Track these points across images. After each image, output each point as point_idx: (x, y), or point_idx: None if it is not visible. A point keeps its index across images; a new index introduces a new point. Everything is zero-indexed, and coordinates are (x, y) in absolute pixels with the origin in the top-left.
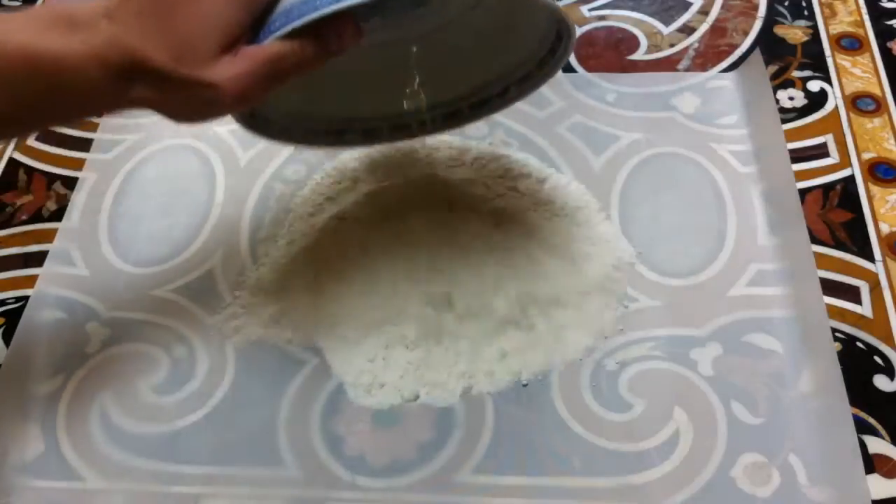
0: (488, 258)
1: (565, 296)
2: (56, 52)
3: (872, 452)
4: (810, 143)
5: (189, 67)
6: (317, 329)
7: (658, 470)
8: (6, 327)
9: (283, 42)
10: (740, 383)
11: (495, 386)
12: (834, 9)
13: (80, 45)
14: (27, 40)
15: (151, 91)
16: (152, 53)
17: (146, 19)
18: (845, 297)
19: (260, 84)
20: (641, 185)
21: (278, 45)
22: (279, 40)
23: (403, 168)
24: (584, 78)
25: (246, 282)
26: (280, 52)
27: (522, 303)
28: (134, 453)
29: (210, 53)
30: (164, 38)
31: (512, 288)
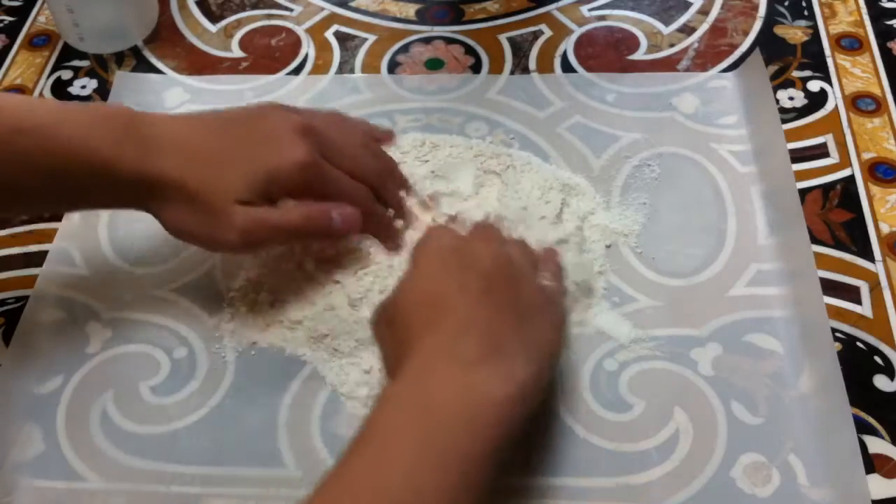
0: None
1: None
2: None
3: (872, 452)
4: (810, 143)
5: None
6: (308, 340)
7: (658, 470)
8: (6, 327)
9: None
10: (740, 383)
11: None
12: (834, 9)
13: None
14: (97, 146)
15: (177, 207)
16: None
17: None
18: (845, 297)
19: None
20: (641, 185)
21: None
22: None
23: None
24: (584, 78)
25: (243, 284)
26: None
27: None
28: (134, 453)
29: (232, 199)
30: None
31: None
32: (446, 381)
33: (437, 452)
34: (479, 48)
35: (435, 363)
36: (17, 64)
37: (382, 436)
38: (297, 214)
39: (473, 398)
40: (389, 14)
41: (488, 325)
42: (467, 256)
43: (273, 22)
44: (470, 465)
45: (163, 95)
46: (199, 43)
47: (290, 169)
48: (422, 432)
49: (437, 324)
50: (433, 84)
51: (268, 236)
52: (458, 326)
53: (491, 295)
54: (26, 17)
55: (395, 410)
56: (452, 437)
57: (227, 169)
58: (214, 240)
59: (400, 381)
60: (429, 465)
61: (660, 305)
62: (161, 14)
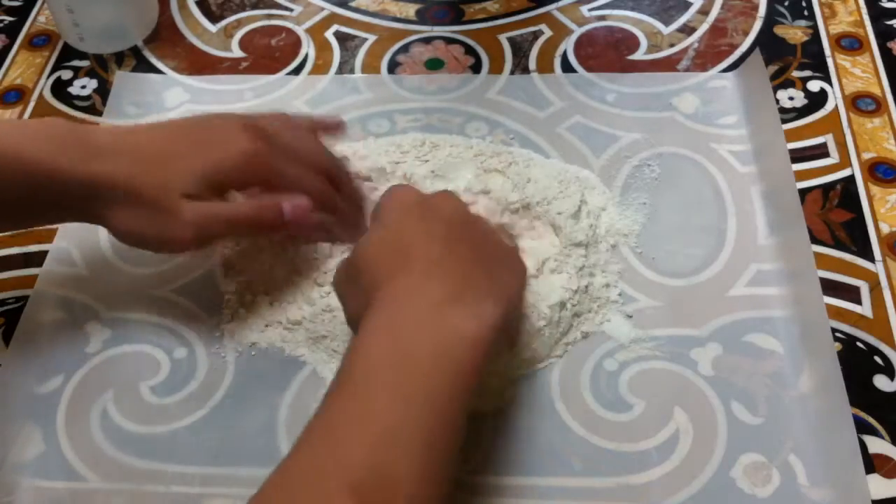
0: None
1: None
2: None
3: (872, 452)
4: (810, 143)
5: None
6: (307, 341)
7: (658, 470)
8: (6, 327)
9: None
10: (740, 383)
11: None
12: (834, 9)
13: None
14: (35, 154)
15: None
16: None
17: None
18: (845, 297)
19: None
20: (641, 185)
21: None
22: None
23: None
24: (584, 78)
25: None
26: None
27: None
28: (134, 453)
29: (179, 195)
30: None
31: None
32: (417, 322)
33: (413, 395)
34: (479, 48)
35: (404, 304)
36: (17, 64)
37: (359, 383)
38: (247, 206)
39: (445, 337)
40: (389, 14)
41: (455, 267)
42: (429, 208)
43: (273, 22)
44: (445, 404)
45: (163, 95)
46: (199, 43)
47: (235, 159)
48: (397, 376)
49: (403, 269)
50: (433, 84)
51: (219, 230)
52: (425, 269)
53: (455, 241)
54: (26, 17)
55: (369, 356)
56: (427, 379)
57: (172, 166)
58: (165, 239)
59: (370, 325)
60: (406, 408)
61: (660, 305)
62: (161, 14)
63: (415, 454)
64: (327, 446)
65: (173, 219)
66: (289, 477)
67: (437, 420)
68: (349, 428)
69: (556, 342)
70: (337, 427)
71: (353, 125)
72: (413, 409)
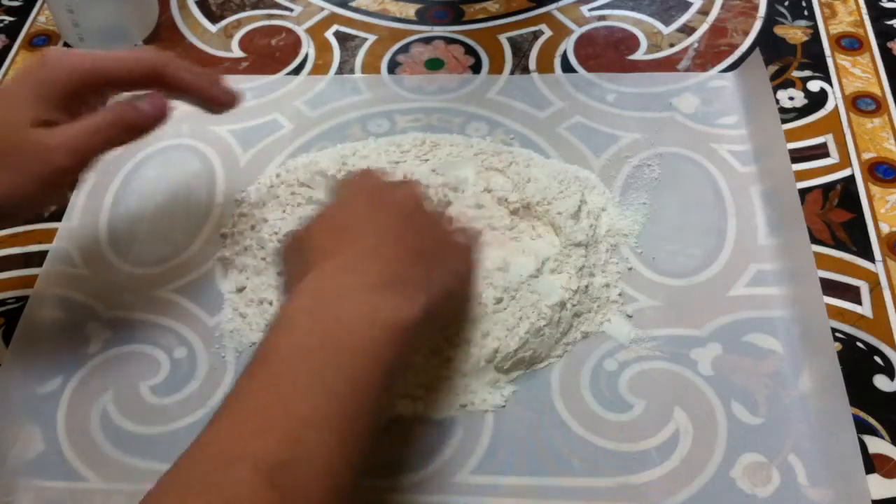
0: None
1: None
2: None
3: (872, 452)
4: (810, 143)
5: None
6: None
7: (658, 470)
8: (6, 327)
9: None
10: (740, 383)
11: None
12: (834, 9)
13: None
14: None
15: None
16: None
17: None
18: (845, 297)
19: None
20: (641, 185)
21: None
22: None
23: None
24: (584, 78)
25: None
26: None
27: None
28: (134, 453)
29: (26, 125)
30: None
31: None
32: (348, 300)
33: (331, 379)
34: (479, 48)
35: (337, 282)
36: (17, 64)
37: (276, 359)
38: (106, 114)
39: (367, 324)
40: (389, 14)
41: (393, 254)
42: (382, 195)
43: (273, 22)
44: (363, 389)
45: None
46: (199, 43)
47: (57, 70)
48: (315, 356)
49: (340, 249)
50: (433, 84)
51: (90, 145)
52: (363, 252)
53: (399, 229)
54: (26, 17)
55: (293, 338)
56: (345, 362)
57: (4, 104)
58: (36, 176)
59: (299, 298)
60: (324, 392)
61: (660, 305)
62: (161, 14)
63: (330, 439)
64: (241, 427)
65: (32, 151)
66: (200, 454)
67: (354, 406)
68: (265, 411)
69: (557, 342)
70: (252, 408)
71: (353, 125)
72: (331, 394)
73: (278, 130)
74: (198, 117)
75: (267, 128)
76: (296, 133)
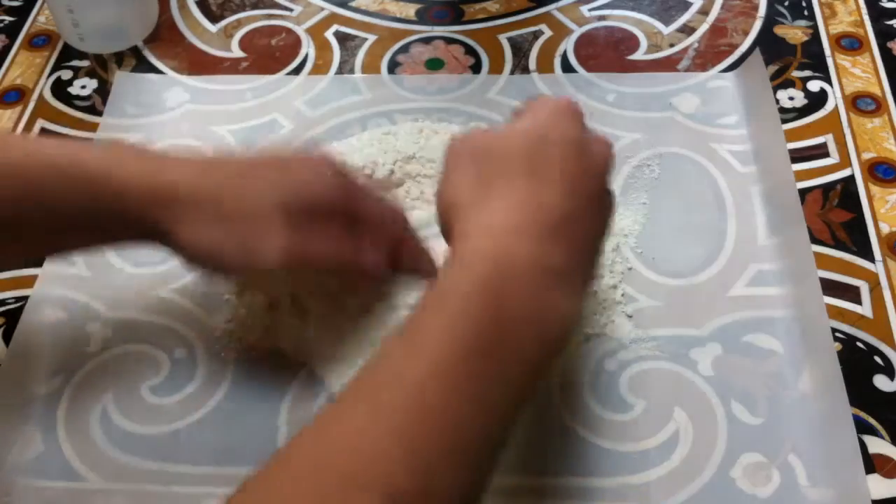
0: None
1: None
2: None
3: (872, 452)
4: (810, 143)
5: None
6: (307, 345)
7: (658, 470)
8: (6, 327)
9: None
10: (740, 383)
11: None
12: (834, 9)
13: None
14: (97, 163)
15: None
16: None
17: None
18: (845, 297)
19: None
20: (641, 185)
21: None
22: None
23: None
24: (584, 78)
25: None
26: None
27: None
28: (134, 453)
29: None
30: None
31: None
32: (525, 291)
33: (501, 361)
34: (479, 48)
35: (517, 265)
36: (17, 64)
37: (452, 310)
38: (333, 247)
39: (546, 316)
40: (389, 14)
41: (574, 226)
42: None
43: (273, 22)
44: (529, 377)
45: (163, 95)
46: (199, 43)
47: (326, 185)
48: (489, 343)
49: (529, 198)
50: (433, 84)
51: (302, 260)
52: (549, 221)
53: (578, 184)
54: (26, 17)
55: (460, 322)
56: (520, 349)
57: (257, 179)
58: (250, 257)
59: (474, 267)
60: (490, 373)
61: (660, 305)
62: (161, 14)
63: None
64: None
65: (263, 232)
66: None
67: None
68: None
69: None
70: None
71: (353, 125)
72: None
73: (278, 130)
74: (198, 117)
75: (267, 128)
76: (296, 133)
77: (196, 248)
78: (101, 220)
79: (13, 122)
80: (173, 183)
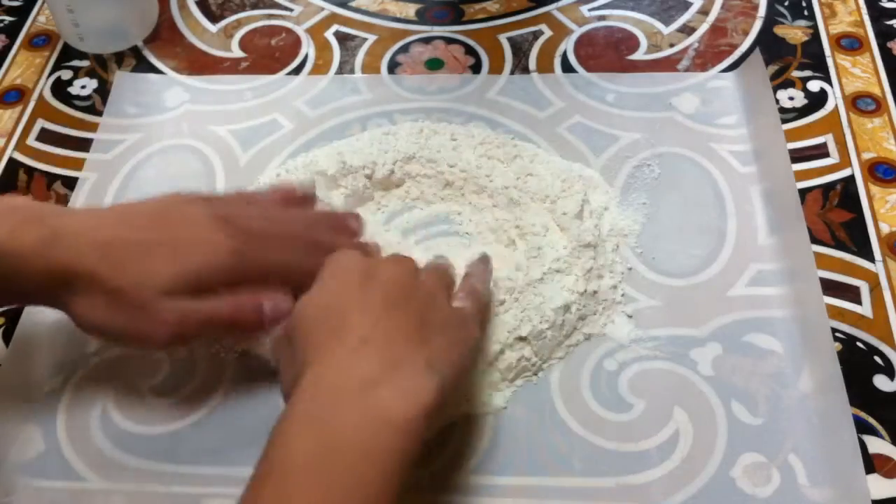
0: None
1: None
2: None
3: (872, 452)
4: (810, 143)
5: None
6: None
7: (658, 470)
8: (6, 327)
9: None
10: (740, 383)
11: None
12: (834, 9)
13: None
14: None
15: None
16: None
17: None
18: (845, 297)
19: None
20: (641, 185)
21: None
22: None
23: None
24: (584, 78)
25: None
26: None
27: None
28: (134, 453)
29: (158, 293)
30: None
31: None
32: (344, 406)
33: (339, 488)
34: (479, 48)
35: (332, 385)
36: (17, 64)
37: (282, 474)
38: (228, 306)
39: (373, 423)
40: (389, 14)
41: (387, 340)
42: (371, 274)
43: (273, 22)
44: (375, 493)
45: (163, 95)
46: (199, 43)
47: (219, 262)
48: (323, 468)
49: (334, 341)
50: (433, 84)
51: (197, 331)
52: (356, 343)
53: (392, 311)
54: (26, 17)
55: (294, 443)
56: (352, 470)
57: (148, 260)
58: (139, 336)
59: (296, 406)
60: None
61: (660, 305)
62: (161, 14)
63: None
64: None
65: (149, 316)
66: None
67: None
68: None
69: (559, 344)
70: None
71: (353, 125)
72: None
73: (278, 130)
74: (198, 117)
75: (267, 128)
76: (296, 133)
77: (92, 324)
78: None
79: (13, 121)
80: (70, 261)
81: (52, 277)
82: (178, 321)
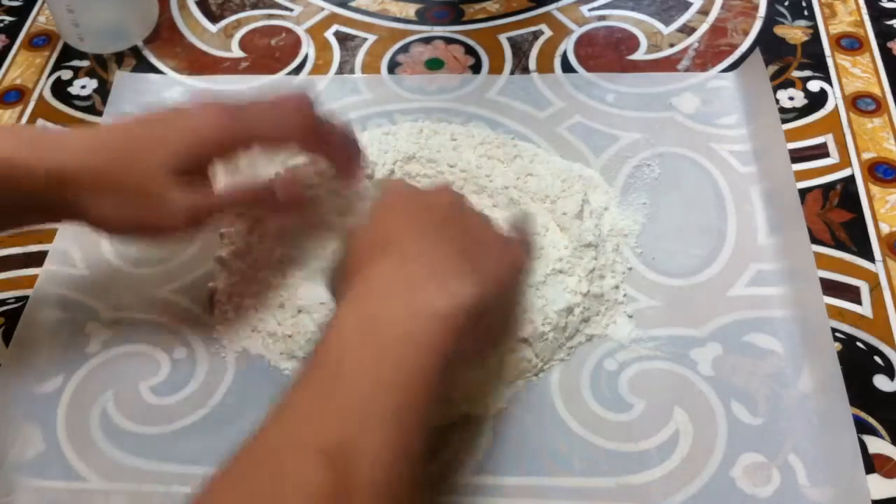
0: None
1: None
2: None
3: (872, 452)
4: (810, 143)
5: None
6: (284, 355)
7: (658, 470)
8: (6, 327)
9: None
10: (740, 383)
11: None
12: (834, 9)
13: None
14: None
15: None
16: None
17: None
18: (845, 297)
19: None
20: (641, 185)
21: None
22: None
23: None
24: (584, 78)
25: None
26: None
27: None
28: (134, 453)
29: (164, 177)
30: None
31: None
32: (391, 302)
33: (381, 372)
34: (479, 48)
35: (381, 286)
36: (17, 64)
37: (331, 361)
38: (239, 194)
39: (418, 316)
40: (389, 14)
41: (433, 254)
42: (419, 202)
43: (273, 22)
44: (414, 380)
45: (163, 95)
46: (199, 43)
47: (211, 128)
48: (366, 353)
49: (382, 256)
50: (433, 84)
51: (210, 215)
52: (404, 256)
53: (441, 230)
54: (26, 17)
55: (343, 336)
56: (396, 355)
57: (147, 148)
58: (154, 225)
59: (345, 307)
60: (374, 385)
61: (660, 305)
62: (161, 14)
63: (383, 426)
64: (299, 419)
65: (161, 204)
66: (262, 444)
67: (404, 396)
68: (320, 404)
69: (561, 346)
70: (308, 402)
71: (353, 125)
72: (381, 386)
73: None
74: None
75: None
76: None
77: (106, 221)
78: (6, 205)
79: (13, 121)
80: (72, 162)
81: (60, 183)
82: (191, 205)
